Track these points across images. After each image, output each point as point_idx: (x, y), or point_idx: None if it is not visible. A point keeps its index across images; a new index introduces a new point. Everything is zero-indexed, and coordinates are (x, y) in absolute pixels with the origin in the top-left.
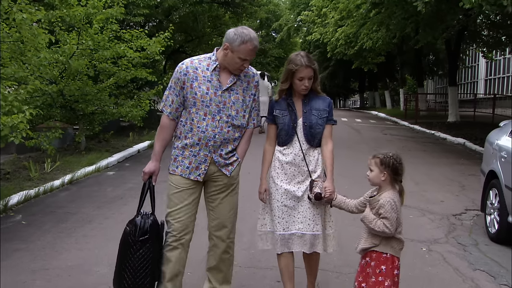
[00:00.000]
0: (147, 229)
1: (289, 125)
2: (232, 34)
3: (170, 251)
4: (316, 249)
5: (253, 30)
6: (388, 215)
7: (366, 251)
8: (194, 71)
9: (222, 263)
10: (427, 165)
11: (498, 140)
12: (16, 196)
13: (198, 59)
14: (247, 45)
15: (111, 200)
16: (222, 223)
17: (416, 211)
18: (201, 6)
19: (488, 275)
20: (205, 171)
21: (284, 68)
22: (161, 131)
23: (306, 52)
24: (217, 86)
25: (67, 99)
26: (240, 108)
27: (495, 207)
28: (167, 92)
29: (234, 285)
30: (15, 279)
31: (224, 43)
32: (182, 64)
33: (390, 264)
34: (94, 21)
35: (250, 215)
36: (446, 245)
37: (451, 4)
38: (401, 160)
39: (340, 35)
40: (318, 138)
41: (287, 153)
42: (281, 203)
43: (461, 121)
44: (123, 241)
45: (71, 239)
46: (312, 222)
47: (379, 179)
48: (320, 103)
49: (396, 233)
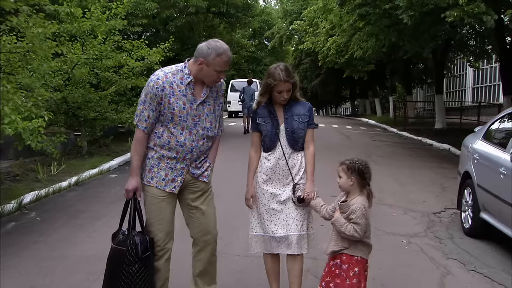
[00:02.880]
0: (147, 245)
1: (271, 132)
2: (206, 48)
3: (157, 260)
4: (303, 250)
5: (224, 42)
6: (359, 221)
7: (336, 253)
8: (170, 86)
9: (209, 265)
10: (412, 169)
11: (472, 143)
12: (29, 195)
13: (171, 72)
14: (222, 57)
15: (117, 199)
16: (207, 228)
17: (399, 210)
18: (197, 17)
19: (459, 263)
20: (181, 183)
21: (263, 80)
22: (137, 146)
23: (286, 64)
24: (192, 100)
25: (70, 106)
26: (213, 119)
27: (469, 205)
28: (141, 106)
29: (233, 271)
30: (38, 265)
31: (197, 58)
32: (157, 79)
33: (362, 267)
34: (97, 32)
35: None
36: (425, 239)
37: (434, 17)
38: (367, 165)
39: (331, 45)
40: (300, 142)
41: (271, 158)
42: (268, 207)
43: (447, 128)
44: (118, 261)
45: (83, 233)
46: (298, 222)
47: (348, 184)
48: (300, 109)
49: (365, 237)
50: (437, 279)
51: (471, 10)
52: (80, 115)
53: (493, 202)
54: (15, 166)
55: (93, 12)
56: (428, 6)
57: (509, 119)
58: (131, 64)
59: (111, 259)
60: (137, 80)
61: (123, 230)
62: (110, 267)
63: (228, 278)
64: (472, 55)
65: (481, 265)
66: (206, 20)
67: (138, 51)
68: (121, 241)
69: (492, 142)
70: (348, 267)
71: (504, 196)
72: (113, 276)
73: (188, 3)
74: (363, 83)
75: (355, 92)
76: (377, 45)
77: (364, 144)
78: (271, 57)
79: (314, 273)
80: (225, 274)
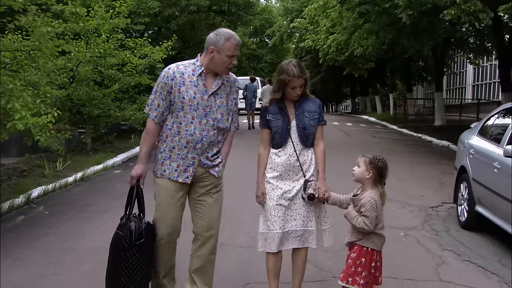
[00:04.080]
0: (141, 232)
1: (282, 128)
2: (214, 36)
3: (162, 250)
4: (309, 244)
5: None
6: (368, 214)
7: (351, 244)
8: (181, 76)
9: (208, 264)
10: (411, 165)
11: (468, 139)
12: (37, 190)
13: (183, 64)
14: (231, 41)
15: (122, 194)
16: (211, 223)
17: (397, 204)
18: (198, 15)
19: (454, 254)
20: (193, 173)
21: (275, 77)
22: (147, 135)
23: (297, 60)
24: (203, 91)
25: (74, 103)
26: (225, 111)
27: (465, 198)
28: (152, 96)
29: (236, 261)
30: (48, 256)
31: (207, 47)
32: (168, 69)
33: (369, 257)
34: (101, 31)
35: (250, 202)
36: (422, 231)
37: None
38: (387, 165)
39: (332, 42)
40: (311, 138)
41: (282, 155)
42: (276, 203)
43: (447, 125)
44: (117, 246)
45: (91, 226)
46: (306, 218)
47: (363, 175)
48: (311, 105)
49: (377, 229)
50: (432, 268)
51: (468, 9)
52: (84, 112)
53: (488, 196)
54: (21, 162)
55: (97, 11)
56: (426, 5)
57: (503, 116)
58: (135, 62)
59: (113, 244)
60: (140, 78)
61: (126, 215)
62: (111, 251)
63: (231, 268)
64: (472, 53)
65: (475, 256)
66: (207, 19)
67: (142, 49)
68: (121, 225)
69: (487, 137)
70: (357, 256)
71: (498, 190)
72: (114, 260)
73: (189, 1)
74: (364, 81)
75: (355, 89)
76: (377, 43)
77: (364, 141)
78: (272, 55)
79: (314, 263)
80: (228, 264)
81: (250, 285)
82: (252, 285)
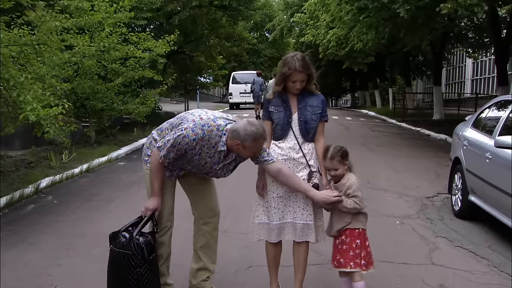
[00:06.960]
0: (152, 247)
1: (284, 120)
2: (243, 133)
3: (161, 236)
4: (308, 239)
5: (259, 125)
6: (356, 193)
7: (340, 230)
8: (201, 148)
9: (212, 239)
10: (409, 158)
11: (462, 131)
12: (45, 181)
13: (209, 135)
14: (258, 141)
15: (128, 184)
16: (211, 204)
17: (394, 194)
18: (200, 10)
19: (447, 240)
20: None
21: (278, 68)
22: (157, 171)
23: (303, 54)
24: (216, 162)
25: (79, 97)
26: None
27: (459, 188)
28: (170, 148)
29: (238, 247)
30: (61, 241)
31: (234, 139)
32: (193, 140)
33: (363, 237)
34: (105, 25)
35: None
36: (417, 220)
37: (428, 11)
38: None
39: (332, 37)
40: (312, 133)
41: (283, 147)
42: (276, 194)
43: (445, 119)
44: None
45: (99, 214)
46: (305, 211)
47: (344, 170)
48: (314, 100)
49: (364, 207)
50: (426, 254)
51: (463, 2)
52: (88, 105)
53: (480, 185)
54: (28, 154)
55: (101, 5)
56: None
57: (496, 108)
58: (138, 55)
59: (114, 263)
60: (144, 72)
61: (123, 234)
62: (114, 271)
63: (234, 253)
64: (470, 47)
65: (467, 242)
66: (209, 14)
67: (145, 43)
68: (124, 244)
69: (480, 129)
70: (351, 240)
71: (490, 179)
72: (120, 280)
73: None
74: (363, 75)
75: (355, 84)
76: (376, 38)
77: (363, 135)
78: (272, 49)
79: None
80: (232, 249)
81: (252, 268)
82: (255, 268)
